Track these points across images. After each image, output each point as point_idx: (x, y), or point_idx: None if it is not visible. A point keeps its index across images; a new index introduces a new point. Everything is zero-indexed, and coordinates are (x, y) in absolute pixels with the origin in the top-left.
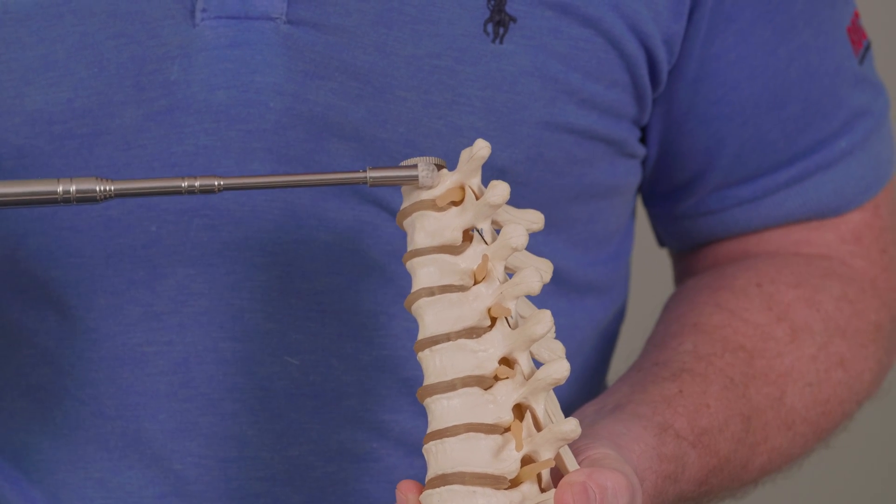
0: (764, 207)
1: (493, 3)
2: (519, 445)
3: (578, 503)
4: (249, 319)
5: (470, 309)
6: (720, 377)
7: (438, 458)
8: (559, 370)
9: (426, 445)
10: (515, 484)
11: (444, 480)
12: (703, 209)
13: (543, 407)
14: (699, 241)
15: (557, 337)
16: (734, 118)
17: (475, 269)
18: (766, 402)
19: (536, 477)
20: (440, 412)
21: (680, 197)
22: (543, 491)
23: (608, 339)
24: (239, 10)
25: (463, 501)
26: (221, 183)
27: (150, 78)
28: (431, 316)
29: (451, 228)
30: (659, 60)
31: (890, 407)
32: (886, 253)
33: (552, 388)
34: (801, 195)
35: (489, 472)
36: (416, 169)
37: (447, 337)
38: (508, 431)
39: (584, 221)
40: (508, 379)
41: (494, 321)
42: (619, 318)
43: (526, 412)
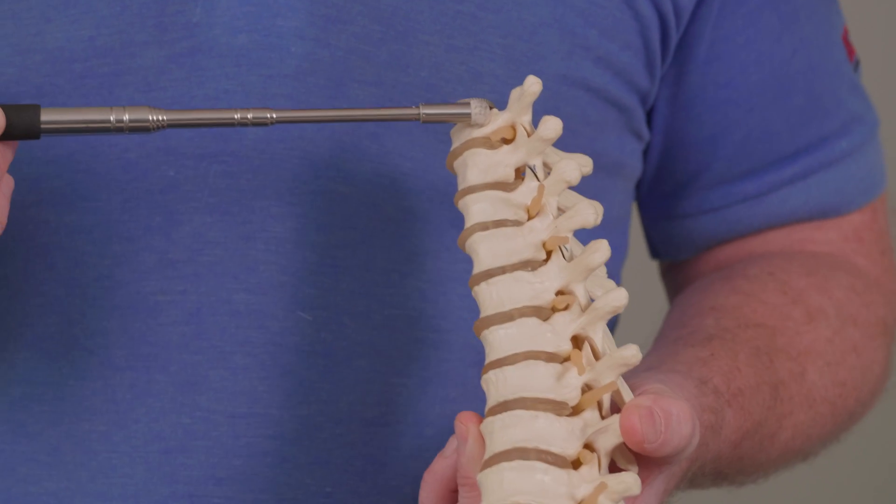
0: (767, 205)
1: None
2: (581, 370)
3: (645, 426)
4: (263, 271)
5: (525, 242)
6: (747, 346)
7: (498, 386)
8: (618, 297)
9: (485, 376)
10: (576, 412)
11: (504, 407)
12: (706, 206)
13: (602, 336)
14: (700, 244)
15: None
16: (741, 104)
17: (529, 204)
18: (789, 375)
19: (597, 404)
20: (498, 342)
21: (682, 194)
22: (604, 419)
23: None
24: None
25: (525, 426)
26: (274, 116)
27: (172, 19)
28: (486, 250)
29: (503, 165)
30: (669, 27)
31: (889, 408)
32: (886, 255)
33: (611, 316)
34: (804, 192)
35: (551, 397)
36: (468, 107)
37: (502, 269)
38: (567, 361)
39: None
40: (566, 310)
41: (549, 255)
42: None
43: (584, 343)
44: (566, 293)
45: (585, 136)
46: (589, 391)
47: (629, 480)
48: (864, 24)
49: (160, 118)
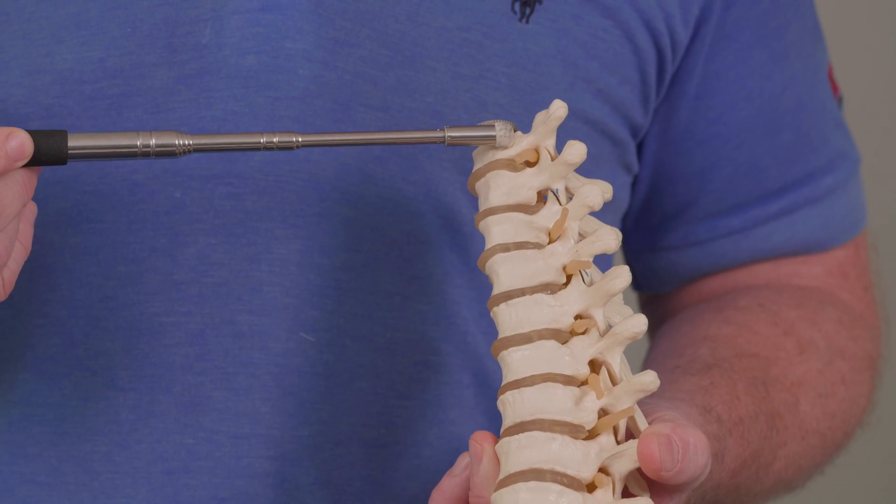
0: (752, 239)
1: None
2: (599, 394)
3: (664, 454)
4: (267, 293)
5: (545, 265)
6: (744, 377)
7: (516, 406)
8: (637, 324)
9: (502, 396)
10: (592, 436)
11: (521, 428)
12: (691, 239)
13: (619, 362)
14: (684, 276)
15: None
16: (730, 139)
17: (550, 227)
18: (783, 406)
19: (613, 429)
20: (516, 364)
21: (668, 227)
22: (619, 444)
23: None
24: None
25: (541, 448)
26: (300, 140)
27: (181, 40)
28: (506, 272)
29: (526, 188)
30: (666, 62)
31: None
32: (868, 291)
33: (629, 342)
34: (789, 228)
35: (568, 420)
36: (493, 129)
37: (522, 292)
38: (585, 385)
39: None
40: (584, 334)
41: (570, 279)
42: None
43: (601, 368)
44: (585, 317)
45: (581, 168)
46: (605, 416)
47: None
48: (845, 59)
49: (187, 143)
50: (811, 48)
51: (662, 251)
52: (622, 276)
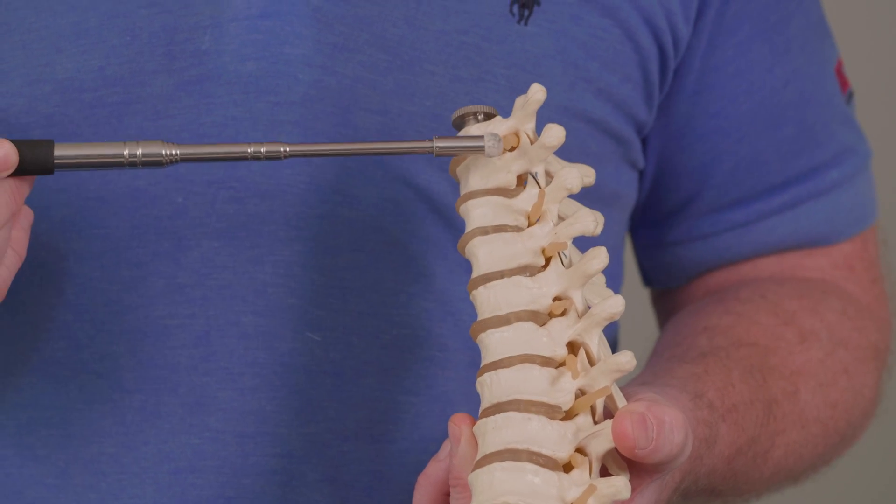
0: (756, 233)
1: None
2: (575, 374)
3: (637, 431)
4: (272, 294)
5: (524, 248)
6: (740, 364)
7: (493, 388)
8: (615, 304)
9: (480, 378)
10: (570, 416)
11: (498, 409)
12: (695, 234)
13: (597, 343)
14: (689, 271)
15: None
16: (731, 133)
17: (529, 210)
18: (782, 394)
19: (590, 410)
20: (494, 345)
21: (672, 222)
22: (597, 424)
23: None
24: None
25: (518, 428)
26: (287, 150)
27: (181, 47)
28: (485, 254)
29: (505, 171)
30: (668, 59)
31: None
32: (876, 283)
33: (607, 323)
34: (793, 222)
35: (544, 400)
36: (482, 139)
37: (501, 274)
38: (562, 366)
39: None
40: (563, 316)
41: (548, 261)
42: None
43: (579, 350)
44: (564, 299)
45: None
46: (582, 396)
47: (619, 484)
48: (858, 55)
49: (173, 152)
50: (816, 43)
51: (668, 246)
52: (599, 257)
